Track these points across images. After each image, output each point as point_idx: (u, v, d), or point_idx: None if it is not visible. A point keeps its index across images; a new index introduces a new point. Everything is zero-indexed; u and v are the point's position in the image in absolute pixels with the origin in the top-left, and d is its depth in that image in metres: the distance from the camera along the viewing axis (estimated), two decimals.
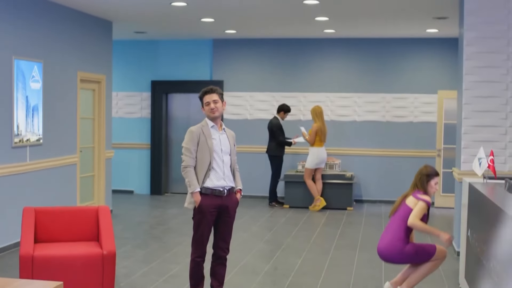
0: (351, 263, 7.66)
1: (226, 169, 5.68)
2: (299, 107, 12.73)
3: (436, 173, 5.96)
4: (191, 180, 5.61)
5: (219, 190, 5.64)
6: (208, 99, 5.68)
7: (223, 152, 5.67)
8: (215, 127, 5.71)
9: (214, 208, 5.64)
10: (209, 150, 5.61)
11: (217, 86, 5.84)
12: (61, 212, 6.46)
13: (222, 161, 5.66)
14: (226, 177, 5.67)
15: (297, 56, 12.74)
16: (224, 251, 5.82)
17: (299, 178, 11.80)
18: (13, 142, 8.03)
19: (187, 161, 5.63)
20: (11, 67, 7.97)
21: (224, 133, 5.77)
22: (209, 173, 5.62)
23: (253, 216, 10.87)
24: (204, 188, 5.61)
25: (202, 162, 5.62)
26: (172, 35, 12.54)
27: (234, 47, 12.94)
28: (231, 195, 5.74)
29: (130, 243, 8.60)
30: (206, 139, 5.63)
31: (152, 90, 13.31)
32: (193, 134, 5.66)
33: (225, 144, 5.71)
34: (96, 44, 10.27)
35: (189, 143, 5.65)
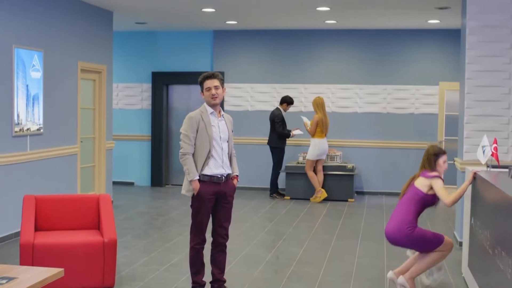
0: (353, 252, 7.63)
1: (225, 157, 5.64)
2: (300, 98, 12.69)
3: (443, 151, 5.85)
4: (190, 168, 5.55)
5: (217, 177, 5.59)
6: (209, 85, 5.60)
7: (222, 140, 5.63)
8: (214, 114, 5.64)
9: (212, 195, 5.60)
10: (208, 138, 5.55)
11: None
12: (61, 200, 6.43)
13: (221, 149, 5.62)
14: (224, 165, 5.63)
15: (298, 47, 12.70)
16: (224, 237, 5.78)
17: (300, 169, 11.77)
18: (14, 131, 7.99)
19: (186, 148, 5.57)
20: (11, 55, 7.93)
21: (223, 119, 5.72)
22: (208, 161, 5.56)
23: (254, 207, 10.84)
24: (202, 176, 5.56)
25: (201, 149, 5.56)
26: (172, 26, 12.49)
27: (235, 38, 12.89)
28: (229, 182, 5.70)
29: (131, 233, 8.56)
30: (206, 127, 5.56)
31: (152, 82, 13.26)
32: (192, 120, 5.58)
33: (224, 131, 5.67)
34: (96, 34, 10.22)
35: (188, 130, 5.58)
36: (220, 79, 5.69)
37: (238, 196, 12.00)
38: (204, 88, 5.62)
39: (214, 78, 5.65)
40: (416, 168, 6.25)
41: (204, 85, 5.63)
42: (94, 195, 6.54)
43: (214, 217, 5.77)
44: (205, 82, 5.63)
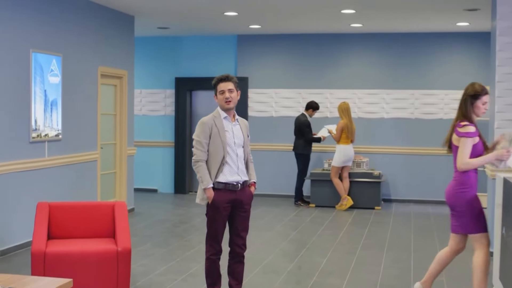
0: (378, 263, 7.34)
1: (240, 163, 5.40)
2: (326, 104, 12.42)
3: (484, 90, 5.23)
4: (203, 175, 5.33)
5: (233, 184, 5.36)
6: (223, 88, 5.36)
7: (237, 145, 5.39)
8: (228, 118, 5.41)
9: (227, 203, 5.38)
10: (222, 144, 5.32)
11: (239, 82, 5.55)
12: (76, 207, 6.24)
13: (236, 155, 5.38)
14: (240, 172, 5.39)
15: (324, 52, 12.44)
16: (241, 247, 5.53)
17: (325, 176, 11.49)
18: (31, 137, 7.85)
19: (199, 155, 5.35)
20: (28, 60, 7.79)
21: (237, 124, 5.47)
22: (223, 168, 5.34)
23: (278, 215, 10.59)
24: (217, 183, 5.34)
25: (215, 156, 5.34)
26: (195, 31, 12.32)
27: (258, 43, 12.68)
28: (245, 189, 5.46)
29: (151, 241, 8.36)
30: (219, 132, 5.33)
31: (176, 87, 13.10)
32: (204, 126, 5.36)
33: (239, 136, 5.42)
34: (117, 38, 10.07)
35: (201, 136, 5.36)
36: (235, 82, 5.45)
37: (262, 203, 11.85)
38: (218, 91, 5.39)
39: (228, 81, 5.42)
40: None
41: (217, 88, 5.40)
42: (109, 202, 6.35)
43: (231, 226, 5.54)
44: (218, 84, 5.40)
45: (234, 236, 5.51)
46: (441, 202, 11.92)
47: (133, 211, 10.62)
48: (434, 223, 9.99)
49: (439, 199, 11.89)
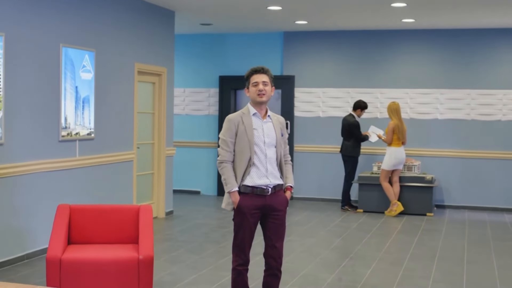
0: (427, 276, 6.73)
1: (270, 165, 4.89)
2: (376, 104, 11.80)
3: None
4: (227, 177, 4.87)
5: (261, 188, 4.86)
6: (257, 79, 4.89)
7: (267, 145, 4.89)
8: (257, 115, 4.91)
9: (256, 209, 4.88)
10: (248, 143, 4.84)
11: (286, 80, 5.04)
12: (99, 210, 5.83)
13: (265, 156, 4.88)
14: (269, 174, 4.88)
15: (374, 49, 11.83)
16: (275, 260, 4.99)
17: (374, 180, 10.89)
18: (61, 136, 7.51)
19: (223, 155, 4.89)
20: (58, 55, 7.45)
21: (269, 121, 4.96)
22: (249, 170, 4.85)
23: (323, 221, 10.04)
24: (243, 187, 4.86)
25: (241, 156, 4.86)
26: (240, 28, 11.86)
27: (305, 40, 12.14)
28: (278, 194, 4.94)
29: (185, 246, 7.93)
30: (246, 130, 4.85)
31: (220, 86, 12.67)
32: (230, 123, 4.90)
33: (270, 134, 4.91)
34: (156, 34, 9.68)
35: (226, 134, 4.91)
36: (270, 76, 4.98)
37: (307, 208, 11.32)
38: (251, 83, 4.93)
39: (264, 73, 4.95)
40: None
41: (251, 80, 4.94)
42: (134, 206, 5.92)
43: (264, 236, 5.04)
44: (252, 76, 4.94)
45: (268, 247, 5.01)
46: (498, 209, 11.19)
47: (171, 214, 10.22)
48: (491, 232, 9.29)
49: (497, 206, 11.18)
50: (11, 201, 6.85)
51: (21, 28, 6.90)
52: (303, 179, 12.07)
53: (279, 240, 5.00)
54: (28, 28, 7.00)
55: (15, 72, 6.81)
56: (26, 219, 7.07)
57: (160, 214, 9.96)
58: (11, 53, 6.75)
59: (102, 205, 5.96)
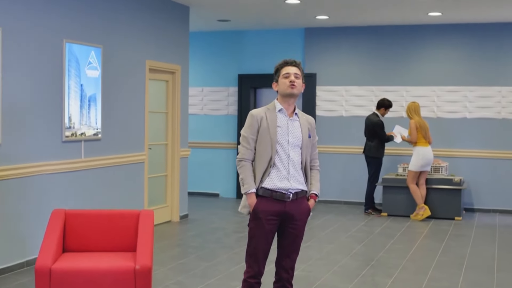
0: (453, 286, 6.21)
1: (293, 167, 4.43)
2: (401, 102, 11.27)
3: None
4: (245, 177, 4.42)
5: (282, 193, 4.41)
6: (289, 70, 4.47)
7: (291, 145, 4.44)
8: (283, 112, 4.47)
9: (273, 216, 4.42)
10: (270, 141, 4.40)
11: (307, 78, 4.61)
12: (96, 216, 5.43)
13: (288, 156, 4.42)
14: (291, 177, 4.42)
15: (399, 45, 11.29)
16: (288, 272, 4.54)
17: (399, 182, 10.36)
18: (64, 136, 7.12)
19: (243, 153, 4.45)
20: (61, 51, 7.07)
21: (296, 120, 4.51)
22: (270, 171, 4.40)
23: (345, 225, 9.54)
24: (262, 189, 4.41)
25: (261, 156, 4.42)
26: (259, 24, 11.42)
27: (327, 37, 11.65)
28: (300, 201, 4.49)
29: (195, 253, 7.50)
30: (269, 126, 4.41)
31: (239, 85, 12.23)
32: (253, 119, 4.46)
33: (296, 134, 4.47)
34: (170, 30, 9.27)
35: (247, 130, 4.47)
36: (302, 71, 4.56)
37: (328, 211, 10.83)
38: (282, 74, 4.49)
39: (296, 66, 4.53)
40: None
41: (282, 71, 4.50)
42: (134, 211, 5.50)
43: (279, 244, 4.58)
44: (284, 67, 4.50)
45: (281, 256, 4.55)
46: None
47: (186, 218, 9.80)
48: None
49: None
50: (11, 205, 6.48)
51: (20, 22, 6.53)
52: (325, 181, 11.56)
53: (294, 251, 4.55)
54: (28, 22, 6.63)
55: (13, 68, 6.44)
56: (27, 224, 6.70)
57: (174, 217, 9.55)
58: (9, 48, 6.38)
59: (101, 210, 5.55)
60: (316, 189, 4.55)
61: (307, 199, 4.55)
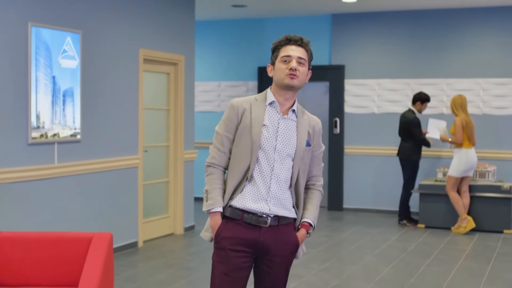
0: None
1: (276, 185, 3.21)
2: (441, 97, 9.87)
3: None
4: (210, 189, 3.25)
5: (255, 216, 3.19)
6: (290, 52, 3.24)
7: (279, 153, 3.24)
8: (275, 106, 3.28)
9: (243, 246, 3.21)
10: (250, 145, 3.21)
11: (334, 71, 3.36)
12: (37, 240, 4.28)
13: (271, 169, 3.22)
14: (271, 198, 3.20)
15: (438, 32, 9.88)
16: None
17: (438, 189, 8.98)
18: (30, 137, 5.98)
19: (213, 156, 3.30)
20: (26, 37, 5.92)
21: (293, 120, 3.30)
22: (244, 185, 3.22)
23: (373, 240, 8.22)
24: (230, 209, 3.22)
25: (236, 162, 3.25)
26: (279, 10, 10.15)
27: (357, 23, 10.31)
28: (283, 230, 3.26)
29: (189, 276, 6.30)
30: (251, 124, 3.22)
31: (259, 79, 10.98)
32: (231, 111, 3.29)
33: (288, 139, 3.26)
34: (171, 14, 8.07)
35: (222, 126, 3.30)
36: (311, 53, 3.33)
37: (357, 221, 9.47)
38: (280, 56, 3.27)
39: (302, 46, 3.28)
40: None
41: (280, 52, 3.28)
42: (87, 234, 4.31)
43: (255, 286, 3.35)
44: (284, 47, 3.27)
45: None
46: None
47: (192, 230, 8.58)
48: None
49: None
50: None
51: None
52: (354, 187, 10.29)
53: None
54: None
55: None
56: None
57: (178, 230, 8.35)
58: None
59: (44, 233, 4.38)
60: (310, 217, 3.32)
61: (296, 229, 3.31)
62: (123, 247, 7.28)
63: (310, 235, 3.32)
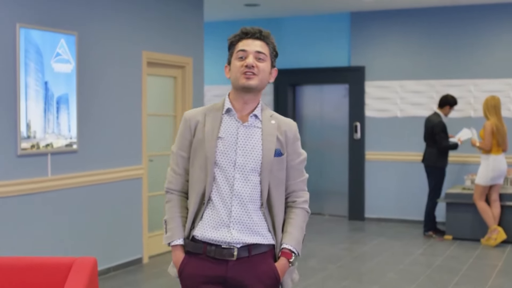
0: None
1: (240, 207, 2.72)
2: (468, 99, 9.26)
3: None
4: (169, 219, 2.82)
5: (219, 248, 2.71)
6: (246, 47, 2.77)
7: (240, 168, 2.73)
8: (232, 114, 2.79)
9: (210, 285, 2.72)
10: (205, 163, 2.72)
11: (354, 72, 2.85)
12: (9, 267, 3.76)
13: (231, 188, 2.71)
14: (234, 223, 2.71)
15: (465, 29, 9.27)
16: None
17: (466, 198, 8.37)
18: (20, 148, 5.50)
19: (170, 180, 2.89)
20: (14, 39, 5.46)
21: (256, 127, 2.79)
22: (203, 211, 2.74)
23: (397, 253, 7.64)
24: (192, 242, 2.75)
25: (192, 185, 2.79)
26: (294, 9, 9.63)
27: (378, 22, 9.74)
28: (256, 261, 2.74)
29: None
30: (205, 138, 2.75)
31: (274, 82, 10.44)
32: (184, 125, 2.84)
33: (252, 150, 2.75)
34: (177, 14, 7.57)
35: (176, 143, 2.86)
36: (273, 47, 2.84)
37: (380, 233, 8.85)
38: (235, 52, 2.78)
39: (261, 39, 2.80)
40: None
41: (236, 47, 2.79)
42: (68, 259, 3.81)
43: None
44: (240, 42, 2.79)
45: None
46: None
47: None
48: None
49: None
50: None
51: None
52: (376, 195, 9.72)
53: None
54: None
55: None
56: None
57: None
58: None
59: (17, 258, 3.88)
60: (291, 242, 2.78)
61: (275, 258, 2.78)
62: (126, 264, 6.79)
63: (293, 264, 2.78)
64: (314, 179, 10.37)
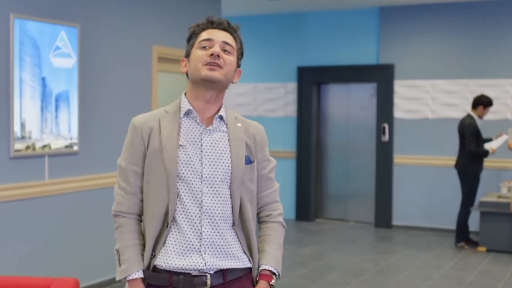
0: None
1: (210, 227, 2.31)
2: (505, 100, 8.66)
3: None
4: (122, 248, 2.37)
5: (190, 277, 2.27)
6: (211, 36, 2.35)
7: (208, 181, 2.33)
8: (193, 116, 2.37)
9: None
10: (165, 177, 2.29)
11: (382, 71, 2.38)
12: None
13: (200, 206, 2.30)
14: (206, 246, 2.30)
15: (503, 25, 8.67)
16: None
17: (502, 207, 7.77)
18: (13, 150, 5.06)
19: (119, 201, 2.40)
20: (7, 31, 5.01)
21: (222, 131, 2.40)
22: (166, 235, 2.31)
23: (425, 266, 7.07)
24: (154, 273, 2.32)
25: (150, 205, 2.35)
26: (319, 3, 9.11)
27: (408, 17, 9.18)
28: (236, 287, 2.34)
29: None
30: (162, 147, 2.32)
31: (299, 80, 9.94)
32: (134, 133, 2.38)
33: (219, 158, 2.36)
34: (191, 6, 7.09)
35: (124, 156, 2.39)
36: (239, 40, 2.43)
37: (408, 242, 8.27)
38: (197, 42, 2.36)
39: (228, 31, 2.38)
40: None
41: (198, 37, 2.37)
42: (46, 280, 3.34)
43: None
44: (203, 33, 2.38)
45: None
46: None
47: None
48: None
49: None
50: None
51: None
52: (405, 201, 9.15)
53: None
54: None
55: None
56: None
57: None
58: None
59: None
60: (270, 262, 2.40)
61: (254, 282, 2.36)
62: None
63: (273, 286, 2.35)
64: (339, 183, 9.85)
